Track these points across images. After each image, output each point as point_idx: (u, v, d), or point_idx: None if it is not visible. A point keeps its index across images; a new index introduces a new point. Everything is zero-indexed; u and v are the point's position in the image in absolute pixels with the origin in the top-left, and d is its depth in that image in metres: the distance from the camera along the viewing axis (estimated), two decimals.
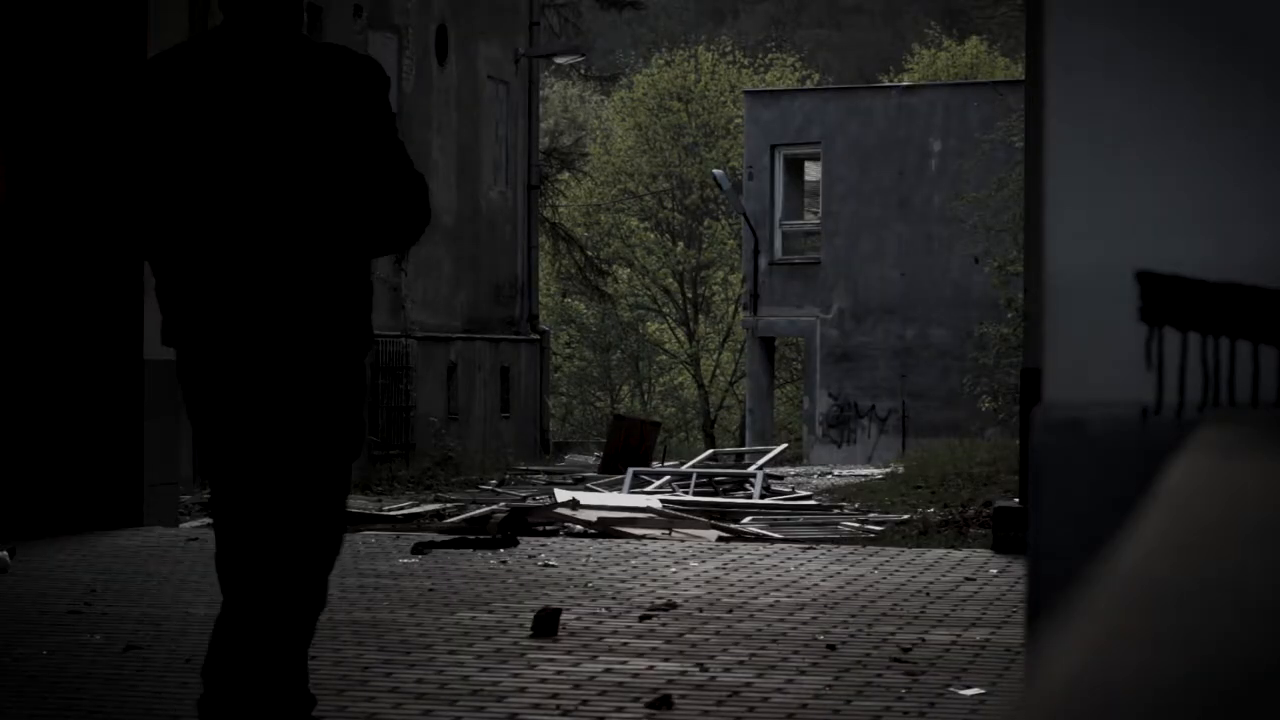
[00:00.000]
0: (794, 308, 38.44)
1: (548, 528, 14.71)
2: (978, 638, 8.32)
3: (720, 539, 14.25)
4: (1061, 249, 3.98)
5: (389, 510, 17.08)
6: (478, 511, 15.87)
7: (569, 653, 7.77)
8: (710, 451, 32.48)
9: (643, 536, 13.75)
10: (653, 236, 51.56)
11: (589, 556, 11.54)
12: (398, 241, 5.26)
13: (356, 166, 5.12)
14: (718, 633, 8.39)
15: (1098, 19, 3.96)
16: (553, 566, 10.99)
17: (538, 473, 26.32)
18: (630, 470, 22.36)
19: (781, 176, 38.83)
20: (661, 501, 17.32)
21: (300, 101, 5.11)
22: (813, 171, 40.16)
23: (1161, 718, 1.25)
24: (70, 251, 13.08)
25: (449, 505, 18.17)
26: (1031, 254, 12.82)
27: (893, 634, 8.39)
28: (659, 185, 52.49)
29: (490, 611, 9.03)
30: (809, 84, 51.31)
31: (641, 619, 8.79)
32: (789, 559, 11.57)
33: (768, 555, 11.84)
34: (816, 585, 10.20)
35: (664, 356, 53.53)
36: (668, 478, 22.24)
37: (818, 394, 38.25)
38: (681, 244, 51.96)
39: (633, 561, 11.32)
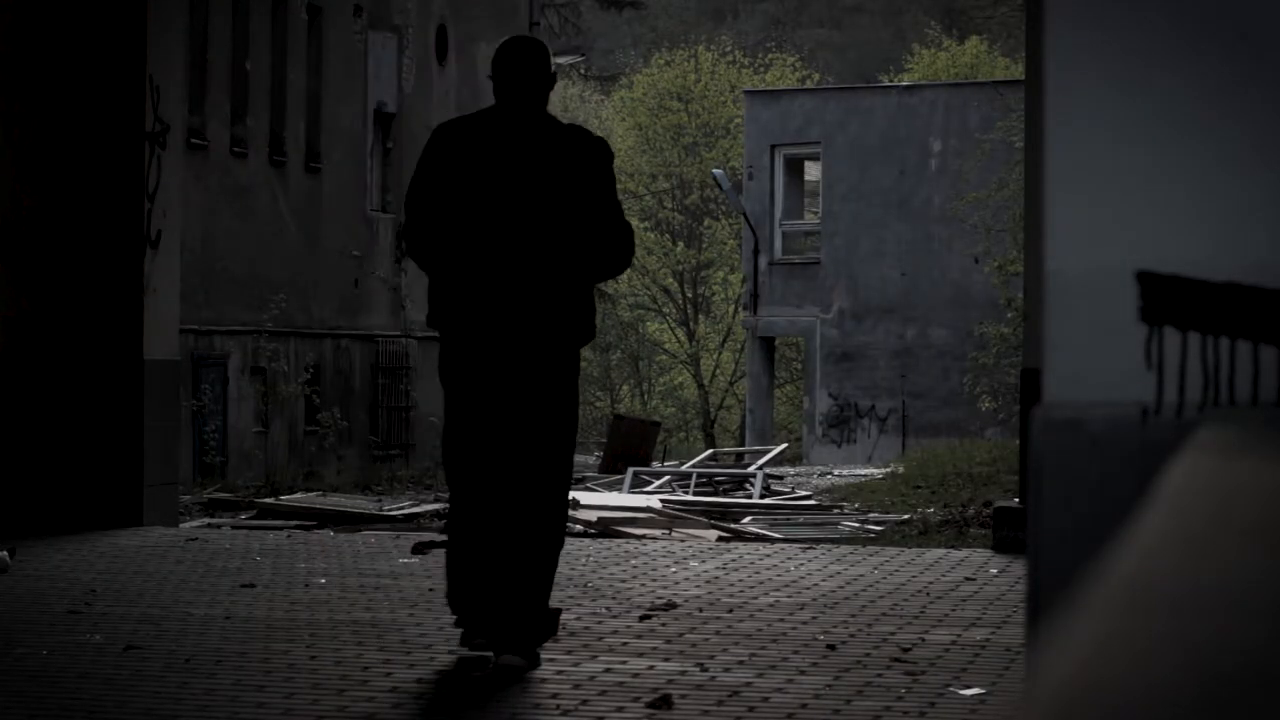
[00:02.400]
0: (794, 307, 38.44)
1: None
2: (978, 638, 8.32)
3: (720, 539, 14.25)
4: (1061, 249, 3.98)
5: (389, 510, 17.06)
6: None
7: (569, 653, 7.77)
8: (710, 451, 32.48)
9: (643, 536, 13.75)
10: (653, 236, 51.56)
11: (589, 556, 11.54)
12: (610, 271, 7.38)
13: (585, 215, 7.20)
14: (718, 633, 8.38)
15: (1096, 20, 3.96)
16: None
17: None
18: (630, 470, 22.35)
19: (781, 176, 38.82)
20: (661, 501, 17.32)
21: (548, 166, 7.20)
22: (813, 171, 40.16)
23: (1160, 717, 1.25)
24: (70, 252, 13.08)
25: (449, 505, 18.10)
26: (1031, 254, 12.82)
27: (893, 634, 8.39)
28: (659, 185, 52.49)
29: None
30: (809, 84, 51.29)
31: (641, 619, 8.79)
32: (789, 559, 11.57)
33: (768, 555, 11.83)
34: (816, 585, 10.20)
35: (664, 356, 53.53)
36: (668, 478, 22.24)
37: (818, 394, 38.25)
38: (681, 244, 51.95)
39: (633, 561, 11.31)
